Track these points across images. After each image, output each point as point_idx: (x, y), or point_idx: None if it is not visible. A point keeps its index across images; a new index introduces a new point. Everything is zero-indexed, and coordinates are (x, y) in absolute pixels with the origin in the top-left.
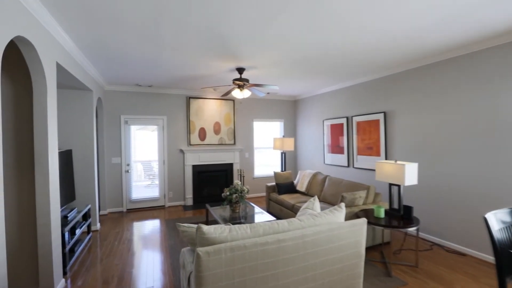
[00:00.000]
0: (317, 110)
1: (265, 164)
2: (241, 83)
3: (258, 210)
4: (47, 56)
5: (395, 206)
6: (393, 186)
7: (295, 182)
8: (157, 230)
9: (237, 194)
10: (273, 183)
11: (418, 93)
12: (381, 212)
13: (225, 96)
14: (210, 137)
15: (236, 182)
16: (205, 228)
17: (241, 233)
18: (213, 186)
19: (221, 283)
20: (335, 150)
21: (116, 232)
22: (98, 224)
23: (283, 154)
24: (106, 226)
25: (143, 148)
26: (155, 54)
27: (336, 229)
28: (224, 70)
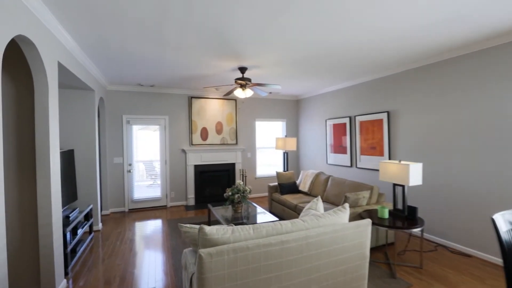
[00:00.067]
0: (320, 110)
1: (267, 164)
2: (243, 83)
3: (260, 210)
4: (49, 56)
5: (399, 207)
6: (397, 187)
7: (298, 182)
8: (159, 230)
9: (239, 194)
10: (276, 183)
11: (422, 93)
12: (385, 213)
13: (227, 96)
14: (212, 137)
15: (238, 182)
16: (208, 229)
17: (244, 234)
18: (215, 186)
19: (224, 285)
20: (338, 150)
21: (118, 232)
22: (100, 224)
23: (286, 154)
24: (108, 226)
25: (145, 148)
26: (157, 54)
27: (340, 230)
28: (226, 70)
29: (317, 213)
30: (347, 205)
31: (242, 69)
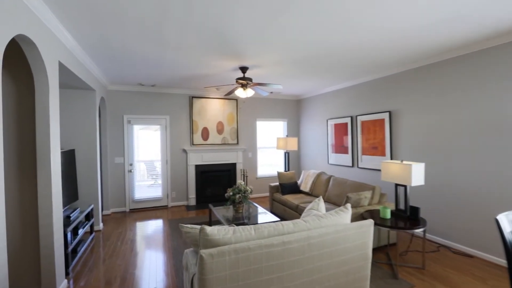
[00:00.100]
0: (321, 110)
1: (269, 164)
2: (245, 82)
3: (262, 211)
4: (49, 55)
5: (401, 207)
6: (399, 187)
7: (299, 182)
8: (160, 231)
9: (241, 194)
10: (277, 183)
11: (424, 92)
12: (387, 213)
13: (228, 96)
14: (213, 137)
15: (240, 182)
16: (209, 230)
17: (245, 235)
18: (216, 186)
19: (225, 286)
20: (339, 150)
21: (119, 232)
22: (101, 224)
23: (287, 154)
24: (109, 226)
25: (146, 148)
26: (158, 53)
27: (343, 231)
28: (227, 69)
29: (319, 214)
30: (349, 205)
31: (243, 69)
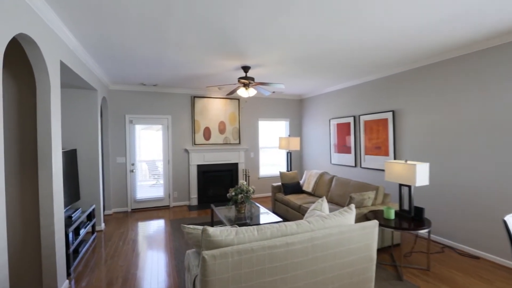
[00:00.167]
0: (323, 109)
1: (271, 164)
2: (247, 82)
3: (264, 211)
4: (51, 55)
5: (406, 207)
6: (403, 187)
7: (301, 182)
8: (162, 231)
9: (243, 195)
10: (279, 183)
11: (429, 91)
12: (391, 214)
13: (230, 95)
14: (215, 137)
15: (242, 182)
16: (211, 231)
17: (248, 236)
18: (218, 186)
19: None
20: (342, 150)
21: (121, 233)
22: (103, 224)
23: (289, 154)
24: (111, 226)
25: (148, 148)
26: (160, 53)
27: (347, 232)
28: (229, 69)
29: (323, 214)
30: (353, 206)
31: (245, 68)
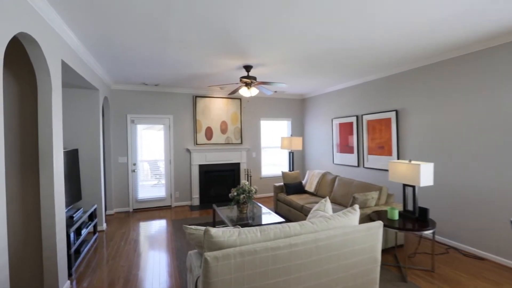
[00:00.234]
0: (326, 109)
1: (273, 164)
2: (249, 81)
3: (266, 211)
4: (52, 54)
5: (410, 208)
6: (407, 187)
7: (304, 182)
8: (164, 231)
9: (245, 195)
10: (281, 183)
11: (432, 91)
12: (395, 214)
13: (232, 95)
14: (217, 137)
15: (244, 182)
16: (213, 231)
17: (251, 237)
18: (220, 186)
19: None
20: (345, 150)
21: (123, 233)
22: (104, 224)
23: (291, 154)
24: (113, 226)
25: (150, 148)
26: (161, 52)
27: (351, 233)
28: (231, 68)
29: (326, 215)
30: (357, 207)
31: (247, 68)
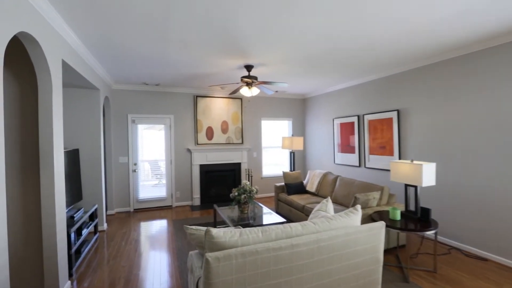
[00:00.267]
0: (327, 109)
1: (274, 164)
2: (250, 81)
3: (267, 211)
4: (53, 54)
5: (412, 208)
6: (409, 187)
7: (305, 182)
8: (164, 231)
9: (246, 195)
10: (282, 183)
11: (435, 90)
12: (397, 215)
13: (233, 95)
14: (218, 136)
15: (245, 182)
16: (215, 232)
17: (252, 237)
18: (221, 186)
19: None
20: (346, 150)
21: (123, 233)
22: (105, 224)
23: (292, 154)
24: (113, 226)
25: (150, 148)
26: (162, 52)
27: (353, 233)
28: (232, 68)
29: (328, 215)
30: (359, 207)
31: (248, 67)
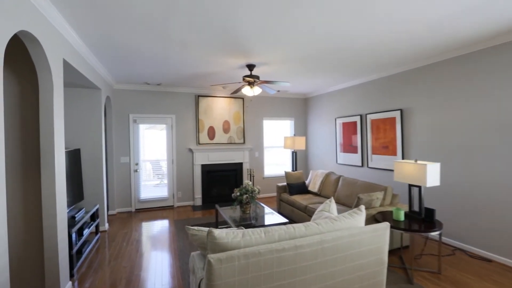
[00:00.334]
0: (329, 108)
1: (275, 164)
2: (252, 80)
3: (269, 211)
4: (54, 53)
5: (415, 209)
6: (413, 188)
7: (307, 182)
8: (166, 231)
9: (248, 195)
10: (284, 183)
11: (438, 89)
12: (401, 215)
13: (235, 94)
14: (219, 136)
15: (247, 182)
16: (217, 233)
17: (255, 238)
18: (223, 186)
19: None
20: (348, 149)
21: (125, 233)
22: (107, 225)
23: (294, 153)
24: (115, 227)
25: (152, 147)
26: (163, 52)
27: (358, 234)
28: (234, 67)
29: (332, 216)
30: (363, 207)
31: (250, 67)
